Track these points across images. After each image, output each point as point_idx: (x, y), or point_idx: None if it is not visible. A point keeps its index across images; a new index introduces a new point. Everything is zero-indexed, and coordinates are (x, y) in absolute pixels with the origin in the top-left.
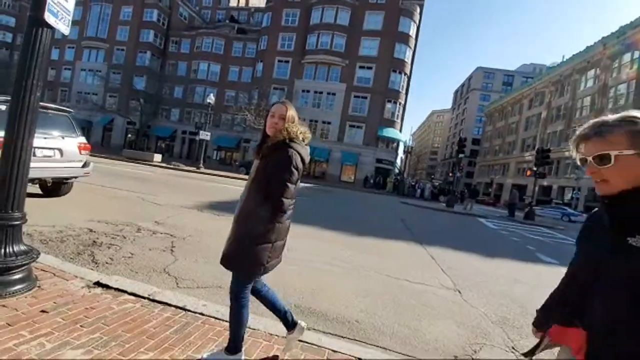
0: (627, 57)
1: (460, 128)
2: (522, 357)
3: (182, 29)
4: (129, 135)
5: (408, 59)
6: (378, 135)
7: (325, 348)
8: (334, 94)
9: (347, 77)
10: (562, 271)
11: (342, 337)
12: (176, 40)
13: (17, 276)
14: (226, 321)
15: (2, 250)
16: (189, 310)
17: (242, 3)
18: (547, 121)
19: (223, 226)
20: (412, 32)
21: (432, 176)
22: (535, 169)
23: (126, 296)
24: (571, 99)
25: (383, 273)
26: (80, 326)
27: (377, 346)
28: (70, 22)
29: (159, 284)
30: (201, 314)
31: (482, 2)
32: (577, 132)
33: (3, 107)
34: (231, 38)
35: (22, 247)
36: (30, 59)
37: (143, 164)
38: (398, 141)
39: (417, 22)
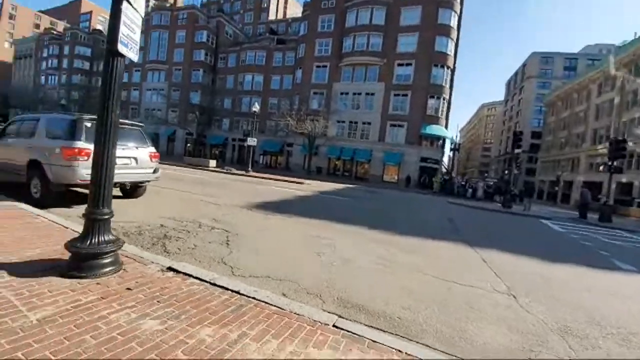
0: None
1: (516, 121)
2: None
3: (228, 45)
4: (188, 144)
5: (450, 52)
6: (421, 133)
7: (366, 338)
8: (372, 94)
9: (385, 76)
10: None
11: (383, 330)
12: (224, 57)
13: (107, 260)
14: (275, 306)
15: (96, 239)
16: (243, 294)
17: (280, 15)
18: (622, 108)
19: (270, 224)
20: (453, 22)
21: (486, 174)
22: (609, 163)
23: (192, 280)
24: None
25: (428, 273)
26: (157, 302)
27: (419, 343)
28: (138, 50)
29: (217, 271)
30: (253, 298)
31: None
32: None
33: (89, 124)
34: (271, 49)
35: (111, 237)
36: (109, 83)
37: (201, 169)
38: (444, 138)
39: (458, 11)
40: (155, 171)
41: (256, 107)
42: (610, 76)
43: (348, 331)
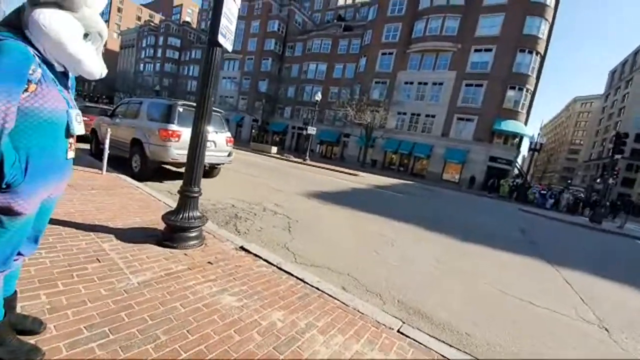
0: None
1: (618, 120)
2: None
3: (297, 34)
4: (253, 131)
5: (543, 34)
6: (494, 129)
7: (433, 350)
8: (440, 84)
9: (458, 63)
10: None
11: (449, 344)
12: (291, 45)
13: (194, 234)
14: (339, 300)
15: (187, 214)
16: (307, 283)
17: (350, 0)
18: None
19: (327, 214)
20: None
21: (569, 180)
22: None
23: (261, 261)
24: None
25: (495, 287)
26: (233, 278)
27: None
28: (233, 41)
29: (282, 256)
30: (317, 288)
31: None
32: None
33: (181, 109)
34: (337, 37)
35: (198, 214)
36: (208, 72)
37: (263, 154)
38: (521, 136)
39: None
40: (229, 155)
41: (318, 96)
42: None
43: (414, 340)
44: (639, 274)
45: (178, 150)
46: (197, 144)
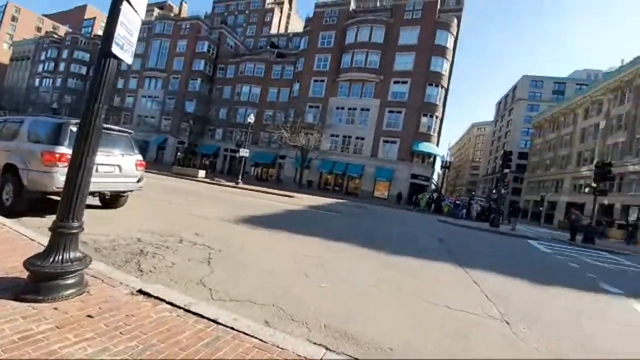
0: None
1: (505, 141)
2: None
3: (229, 56)
4: (179, 153)
5: (445, 72)
6: (413, 150)
7: None
8: (367, 110)
9: (381, 92)
10: (629, 303)
11: None
12: (223, 67)
13: (70, 281)
14: (256, 338)
15: (59, 257)
16: (221, 324)
17: (282, 30)
18: (607, 132)
19: (257, 240)
20: (449, 44)
21: (473, 192)
22: (594, 185)
23: (164, 305)
24: (634, 106)
25: (421, 297)
26: (120, 333)
27: None
28: (134, 54)
29: (195, 294)
30: (232, 328)
31: (525, 7)
32: None
33: (74, 129)
34: (271, 62)
35: (77, 254)
36: (98, 85)
37: (189, 179)
38: (435, 156)
39: (455, 33)
40: (139, 180)
41: (251, 118)
42: (596, 101)
43: None
44: (529, 267)
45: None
46: (78, 168)
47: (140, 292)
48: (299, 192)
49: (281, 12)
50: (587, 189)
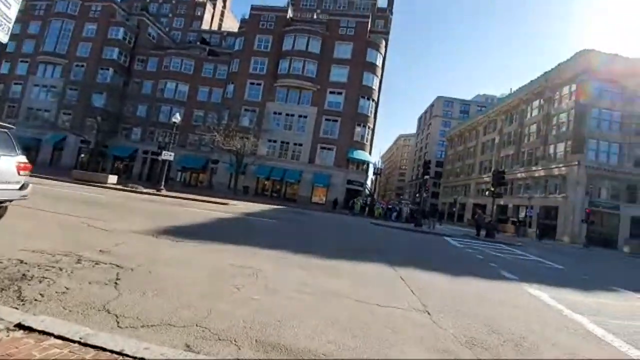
0: (566, 90)
1: (425, 151)
2: None
3: (150, 47)
4: (82, 155)
5: (375, 86)
6: (348, 157)
7: None
8: (305, 117)
9: (318, 101)
10: (523, 288)
11: None
12: (143, 59)
13: None
14: None
15: None
16: (128, 356)
17: (215, 26)
18: (500, 146)
19: (181, 254)
20: (379, 62)
21: (401, 196)
22: (492, 189)
23: (52, 340)
24: (519, 126)
25: (353, 298)
26: None
27: None
28: (10, 30)
29: (96, 323)
30: (142, 359)
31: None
32: None
33: None
34: (202, 59)
35: None
36: None
37: (95, 186)
38: (368, 163)
39: (383, 53)
40: (23, 187)
41: (177, 118)
42: (492, 120)
43: None
44: (446, 261)
45: None
46: None
47: (20, 326)
48: (234, 198)
49: (214, 8)
50: (487, 193)
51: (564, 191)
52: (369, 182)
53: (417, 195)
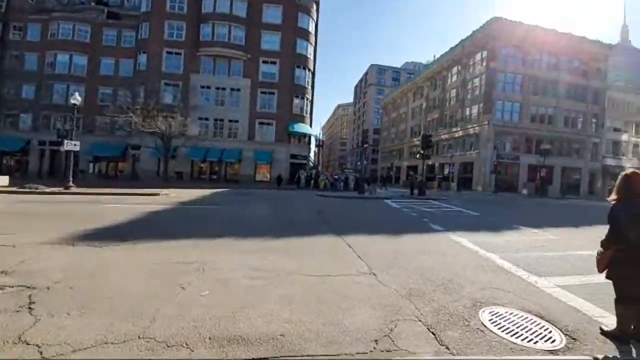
0: (479, 56)
1: (363, 120)
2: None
3: (29, 11)
4: None
5: (310, 55)
6: (289, 131)
7: None
8: (238, 90)
9: (250, 72)
10: (449, 236)
11: (266, 359)
12: (19, 26)
13: None
14: None
15: None
16: None
17: None
18: (427, 111)
19: (107, 260)
20: (311, 28)
21: (344, 165)
22: (422, 152)
23: None
24: (442, 91)
25: (305, 273)
26: None
27: (304, 356)
28: None
29: (14, 356)
30: None
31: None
32: None
33: None
34: (100, 24)
35: None
36: None
37: None
38: (309, 136)
39: (315, 19)
40: None
41: (77, 99)
42: (420, 87)
43: None
44: (386, 223)
45: None
46: None
47: None
48: (167, 186)
49: None
50: (418, 156)
51: (478, 148)
52: (312, 155)
53: (359, 163)
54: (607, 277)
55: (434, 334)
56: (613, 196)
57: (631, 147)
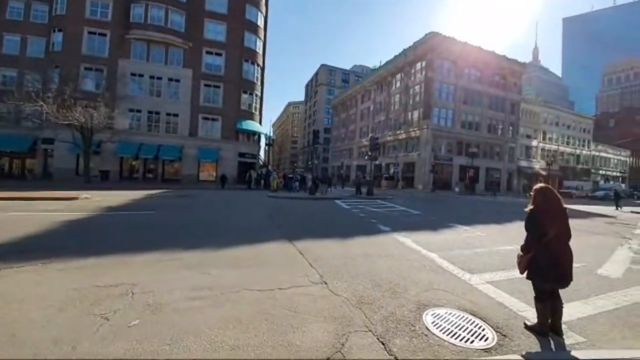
0: (419, 65)
1: (314, 119)
2: None
3: None
4: None
5: (259, 50)
6: (237, 128)
7: None
8: (177, 81)
9: (192, 62)
10: (395, 237)
11: None
12: None
13: None
14: None
15: None
16: None
17: None
18: (374, 113)
19: (3, 287)
20: (260, 22)
21: (295, 164)
22: (369, 153)
23: None
24: (387, 96)
25: (254, 288)
26: None
27: None
28: None
29: None
30: None
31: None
32: None
33: None
34: None
35: None
36: None
37: None
38: (259, 133)
39: (264, 12)
40: None
41: None
42: (368, 90)
43: None
44: (337, 225)
45: None
46: None
47: None
48: (88, 188)
49: None
50: (366, 157)
51: (418, 149)
52: (262, 154)
53: (310, 162)
54: (527, 277)
55: (383, 344)
56: (530, 206)
57: (540, 151)
